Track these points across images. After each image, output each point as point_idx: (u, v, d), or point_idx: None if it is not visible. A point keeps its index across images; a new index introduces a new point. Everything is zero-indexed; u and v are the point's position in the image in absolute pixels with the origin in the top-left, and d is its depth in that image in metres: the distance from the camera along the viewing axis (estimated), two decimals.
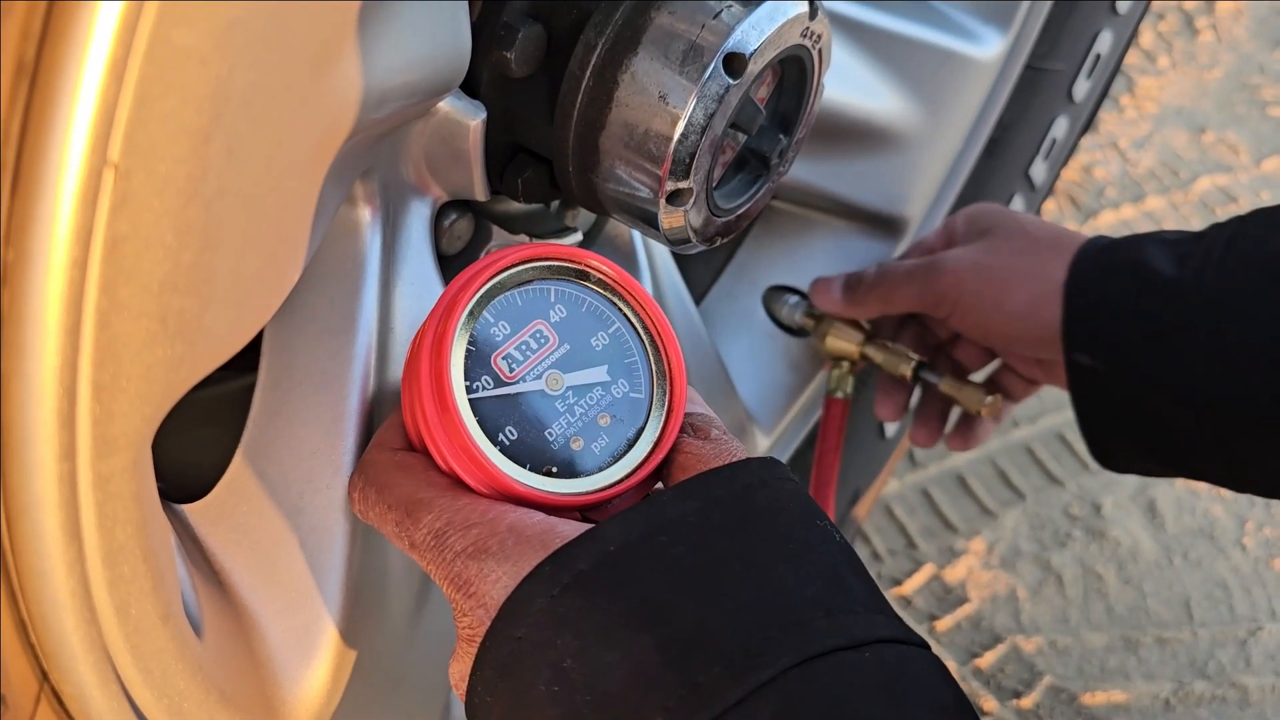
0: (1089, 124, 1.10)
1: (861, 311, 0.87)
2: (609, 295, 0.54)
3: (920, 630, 1.31)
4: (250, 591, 0.53)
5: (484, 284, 0.51)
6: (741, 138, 0.61)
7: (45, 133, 0.28)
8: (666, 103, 0.57)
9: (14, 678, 0.34)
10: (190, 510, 0.56)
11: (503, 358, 0.52)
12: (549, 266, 0.53)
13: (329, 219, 0.49)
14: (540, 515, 0.48)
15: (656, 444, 0.52)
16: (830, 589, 0.45)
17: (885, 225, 0.96)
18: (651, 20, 0.57)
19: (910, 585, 1.34)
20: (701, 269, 0.99)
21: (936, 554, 1.37)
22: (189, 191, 0.32)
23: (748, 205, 0.65)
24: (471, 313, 0.51)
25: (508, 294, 0.52)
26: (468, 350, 0.51)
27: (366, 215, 0.57)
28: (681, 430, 0.53)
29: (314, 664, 0.53)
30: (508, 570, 0.45)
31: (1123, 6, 0.98)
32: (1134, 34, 1.04)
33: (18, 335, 0.27)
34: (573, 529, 0.47)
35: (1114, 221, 1.86)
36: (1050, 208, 1.85)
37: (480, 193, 0.61)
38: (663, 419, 0.53)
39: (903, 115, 0.89)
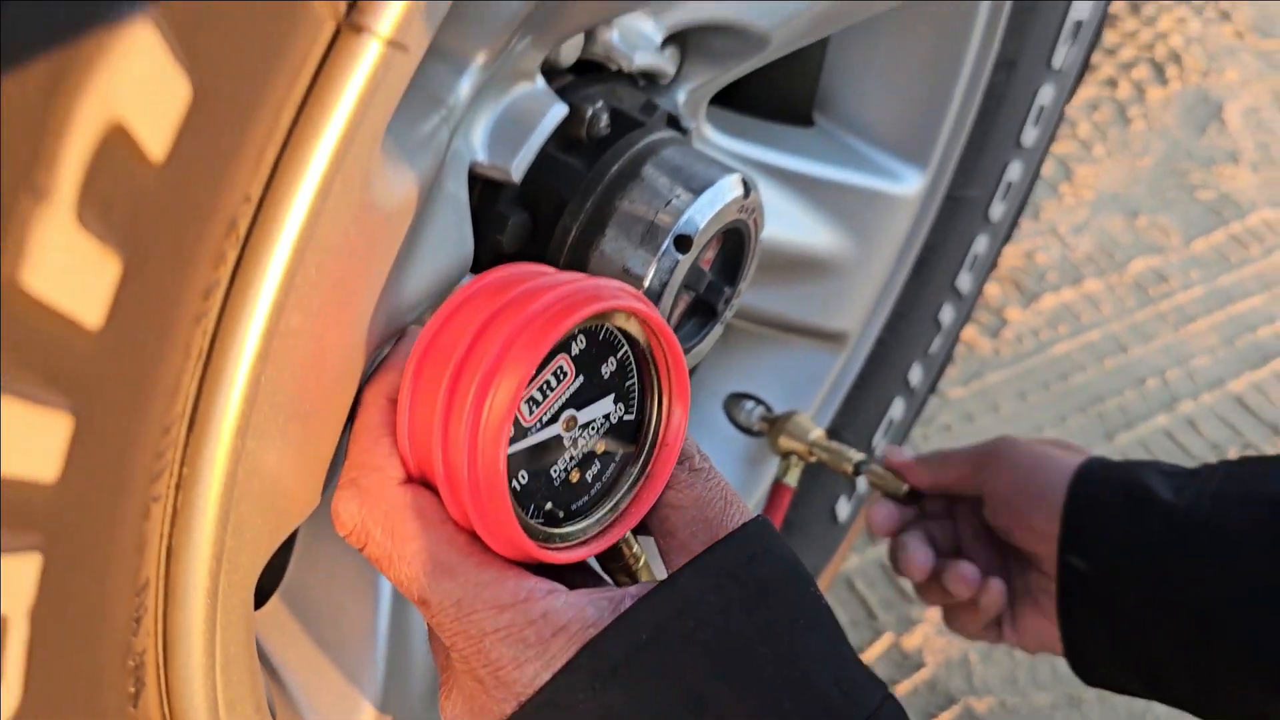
0: (1008, 237, 1.24)
1: (925, 480, 0.96)
2: (634, 328, 0.53)
3: None
4: (300, 688, 0.64)
5: (549, 348, 0.48)
6: (690, 294, 0.74)
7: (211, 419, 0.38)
8: (629, 274, 0.70)
9: None
10: None
11: (526, 401, 0.49)
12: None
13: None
14: (565, 597, 0.48)
15: (648, 476, 0.53)
16: (839, 662, 0.50)
17: (828, 338, 1.09)
18: (616, 208, 0.70)
19: (871, 653, 1.46)
20: None
21: (895, 623, 1.49)
22: (293, 406, 0.44)
23: (701, 343, 0.79)
24: None
25: None
26: None
27: None
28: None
29: None
30: (545, 661, 0.47)
31: (1028, 139, 1.12)
32: (1042, 160, 1.19)
33: (191, 521, 0.38)
34: (596, 612, 0.48)
35: (1055, 304, 2.00)
36: (994, 292, 1.99)
37: None
38: (655, 449, 0.53)
39: (838, 248, 1.02)
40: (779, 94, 1.02)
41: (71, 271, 0.27)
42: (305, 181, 0.34)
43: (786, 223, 0.99)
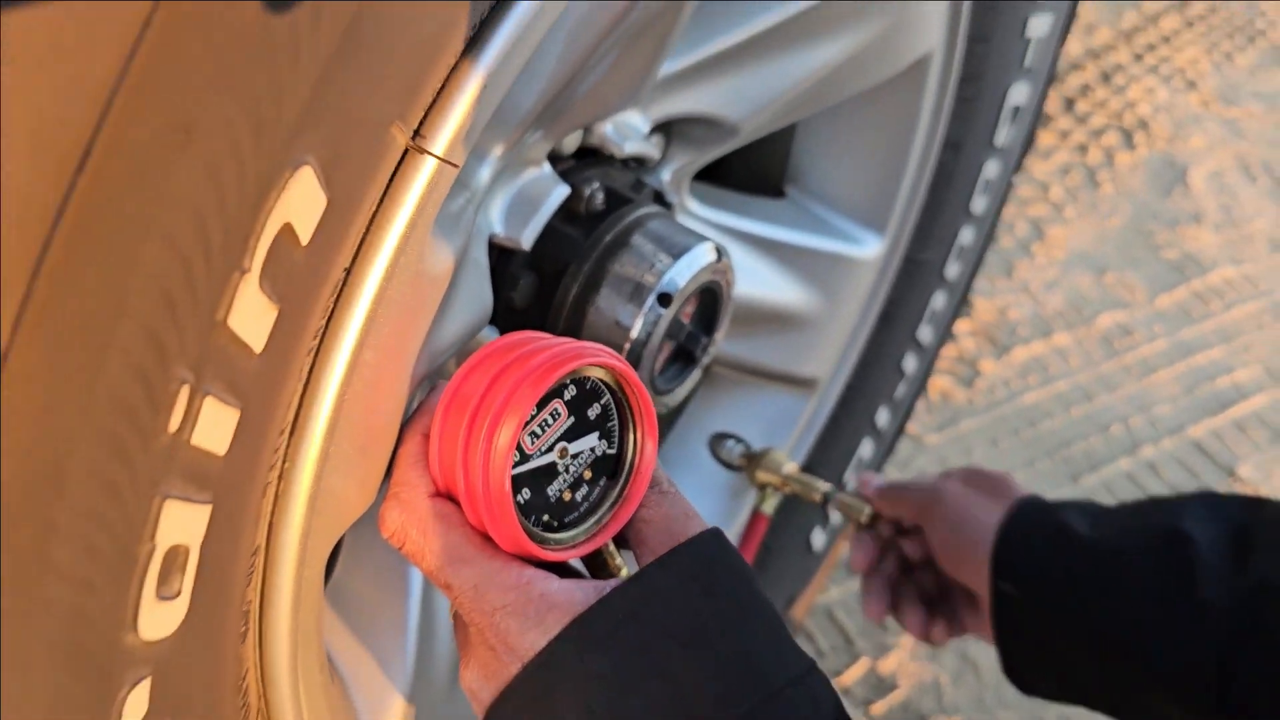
0: (966, 293, 1.38)
1: (887, 508, 1.10)
2: (608, 379, 0.64)
3: (857, 715, 1.54)
4: (345, 664, 0.77)
5: (542, 394, 0.60)
6: (672, 342, 0.88)
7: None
8: (620, 326, 0.84)
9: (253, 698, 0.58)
10: None
11: (528, 434, 0.61)
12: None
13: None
14: (558, 583, 0.60)
15: (624, 498, 0.65)
16: (775, 642, 0.62)
17: (801, 384, 1.23)
18: (609, 271, 0.85)
19: (849, 676, 1.58)
20: (660, 421, 1.26)
21: (872, 649, 1.61)
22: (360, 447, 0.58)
23: (683, 384, 0.93)
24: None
25: None
26: None
27: None
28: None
29: (387, 714, 0.78)
30: (542, 631, 0.58)
31: (977, 207, 1.26)
32: (993, 225, 1.33)
33: (289, 504, 0.52)
34: (583, 595, 0.59)
35: (1026, 357, 2.14)
36: (968, 345, 2.13)
37: None
38: (631, 475, 0.65)
39: (808, 304, 1.16)
40: (755, 170, 1.16)
41: (253, 317, 0.41)
42: (380, 257, 0.48)
43: (762, 283, 1.13)
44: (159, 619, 0.44)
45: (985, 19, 1.05)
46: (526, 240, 0.79)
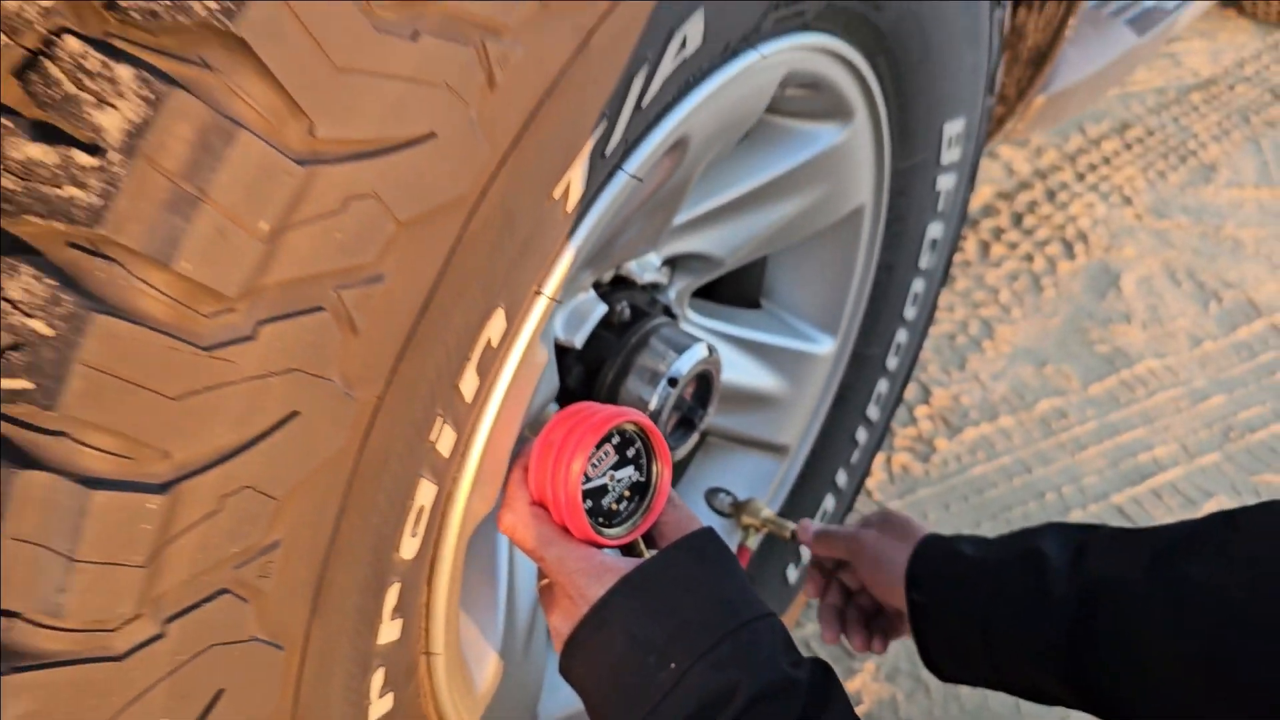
0: (906, 381, 1.76)
1: (819, 549, 1.41)
2: (637, 430, 0.94)
3: None
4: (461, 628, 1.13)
5: (599, 439, 0.91)
6: (678, 413, 1.26)
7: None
8: (643, 400, 1.21)
9: (418, 645, 0.94)
10: None
11: (590, 464, 0.90)
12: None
13: None
14: (611, 557, 0.89)
15: (650, 508, 0.95)
16: (744, 594, 0.88)
17: (774, 449, 1.60)
18: (635, 362, 1.22)
19: None
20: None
21: (841, 672, 1.95)
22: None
23: (686, 443, 1.30)
24: None
25: None
26: None
27: None
28: None
29: (485, 666, 1.13)
30: (601, 585, 0.87)
31: (909, 314, 1.65)
32: (925, 328, 1.71)
33: (457, 493, 0.88)
34: (627, 564, 0.87)
35: (975, 436, 2.50)
36: (926, 426, 2.50)
37: None
38: (654, 493, 0.96)
39: (778, 388, 1.54)
40: (738, 289, 1.55)
41: (469, 384, 0.78)
42: (515, 351, 0.86)
43: (745, 373, 1.51)
44: (409, 546, 0.81)
45: (902, 180, 1.45)
46: (579, 342, 1.17)
